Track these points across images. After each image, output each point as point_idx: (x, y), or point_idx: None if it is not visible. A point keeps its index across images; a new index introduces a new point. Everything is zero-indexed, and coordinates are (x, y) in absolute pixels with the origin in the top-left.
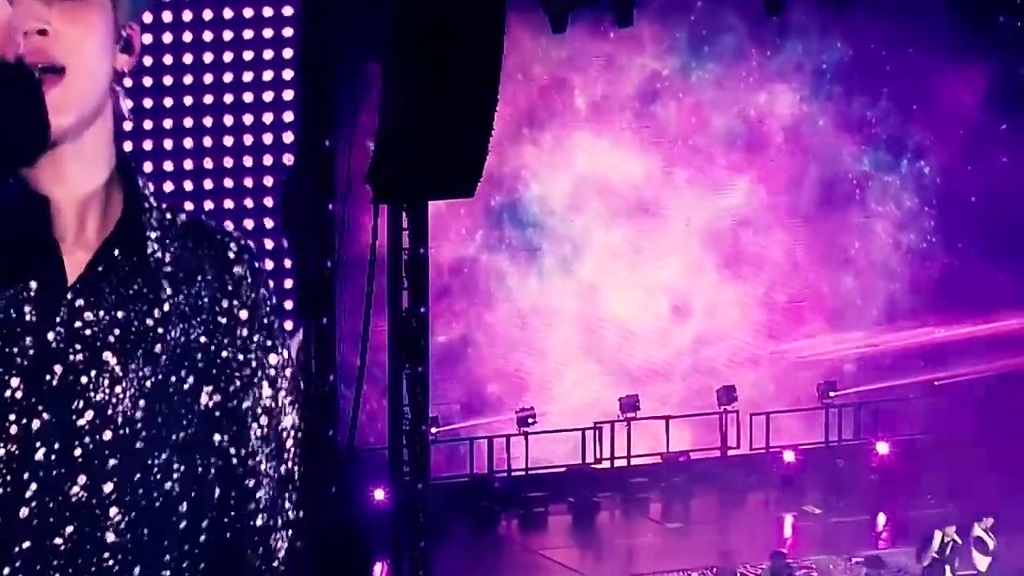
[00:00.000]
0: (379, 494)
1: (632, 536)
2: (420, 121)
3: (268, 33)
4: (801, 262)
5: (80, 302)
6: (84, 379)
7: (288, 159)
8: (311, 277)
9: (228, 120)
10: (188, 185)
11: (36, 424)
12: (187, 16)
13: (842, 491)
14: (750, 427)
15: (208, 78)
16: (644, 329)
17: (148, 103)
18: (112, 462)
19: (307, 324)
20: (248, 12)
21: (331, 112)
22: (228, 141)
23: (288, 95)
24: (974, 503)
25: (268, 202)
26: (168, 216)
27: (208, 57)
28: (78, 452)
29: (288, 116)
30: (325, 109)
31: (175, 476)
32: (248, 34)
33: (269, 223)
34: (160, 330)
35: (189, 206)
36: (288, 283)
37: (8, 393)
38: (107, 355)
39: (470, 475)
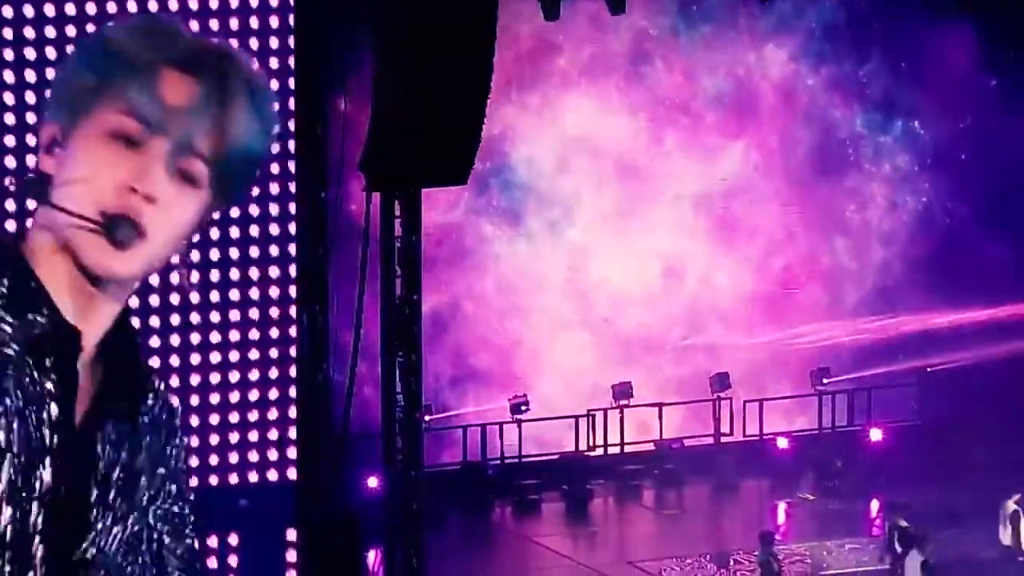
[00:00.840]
0: (372, 482)
1: (626, 523)
2: (413, 109)
3: (254, 23)
4: (795, 228)
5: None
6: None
7: (290, 145)
8: (305, 264)
9: None
10: None
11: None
12: (172, 5)
13: (836, 477)
14: (743, 414)
15: None
16: (635, 297)
17: None
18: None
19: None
20: (234, 1)
21: (323, 99)
22: None
23: (274, 85)
24: (969, 488)
25: (274, 189)
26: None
27: None
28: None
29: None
30: (317, 96)
31: None
32: (234, 23)
33: (274, 209)
34: (142, 479)
35: None
36: (292, 269)
37: (32, 520)
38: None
39: (463, 463)
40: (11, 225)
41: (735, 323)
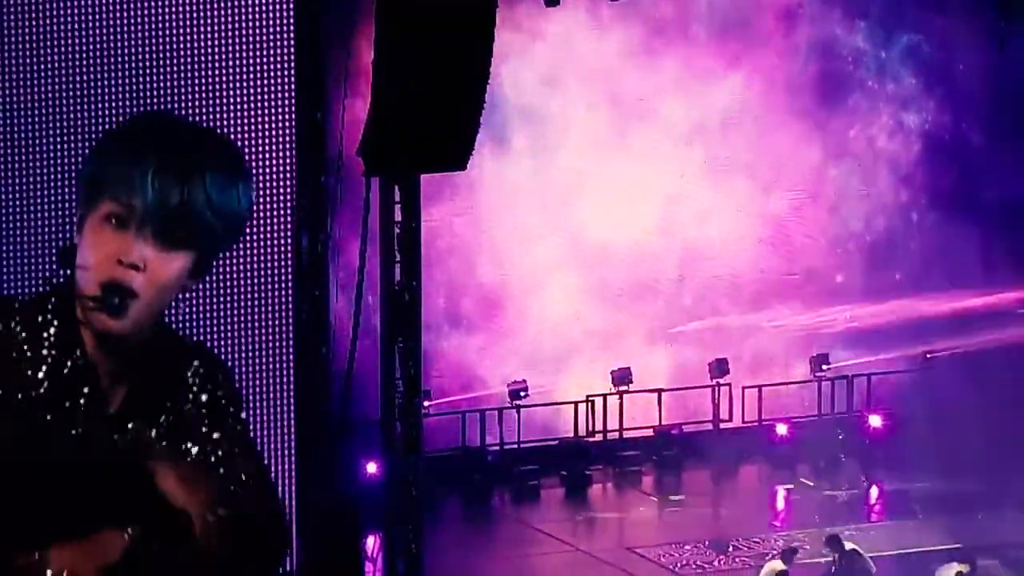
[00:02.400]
0: (372, 467)
1: (625, 509)
2: (412, 94)
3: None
4: (797, 155)
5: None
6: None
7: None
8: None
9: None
10: None
11: None
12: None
13: (835, 464)
14: (742, 400)
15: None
16: (626, 238)
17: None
18: None
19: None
20: None
21: (322, 85)
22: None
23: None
24: (967, 477)
25: (275, 175)
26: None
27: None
28: None
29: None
30: (316, 82)
31: None
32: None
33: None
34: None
35: None
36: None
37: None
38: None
39: (462, 448)
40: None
41: (733, 274)
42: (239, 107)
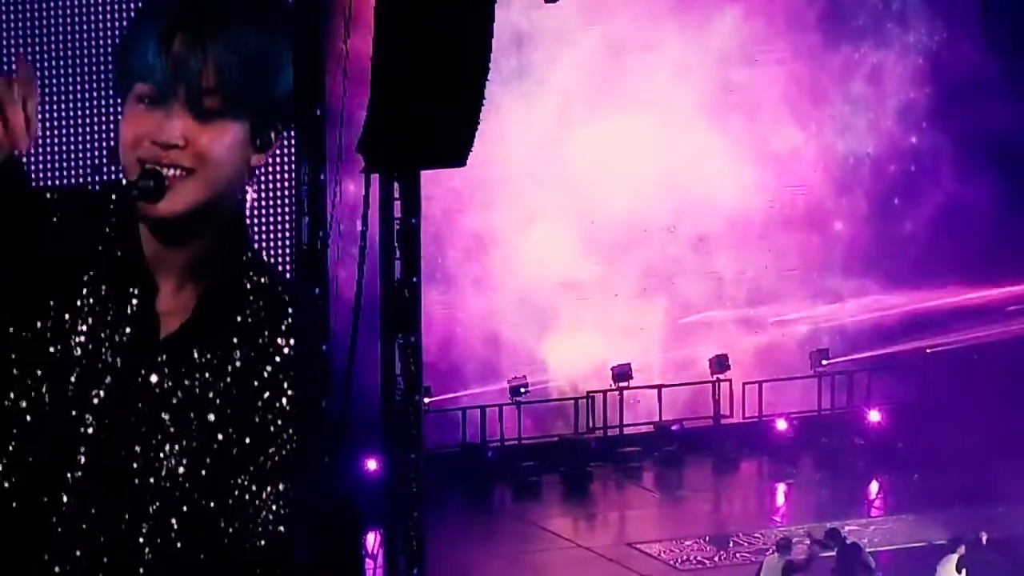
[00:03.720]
0: (372, 464)
1: (625, 505)
2: (412, 89)
3: None
4: (797, 97)
5: (163, 357)
6: (143, 429)
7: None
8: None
9: None
10: None
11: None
12: None
13: (835, 459)
14: (743, 396)
15: None
16: (618, 185)
17: None
18: (152, 507)
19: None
20: None
21: (322, 81)
22: None
23: None
24: (966, 473)
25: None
26: (261, 279)
27: None
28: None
29: None
30: (315, 76)
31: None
32: None
33: (274, 191)
34: (218, 401)
35: None
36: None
37: (82, 429)
38: (165, 415)
39: (463, 445)
40: None
41: (729, 229)
42: None
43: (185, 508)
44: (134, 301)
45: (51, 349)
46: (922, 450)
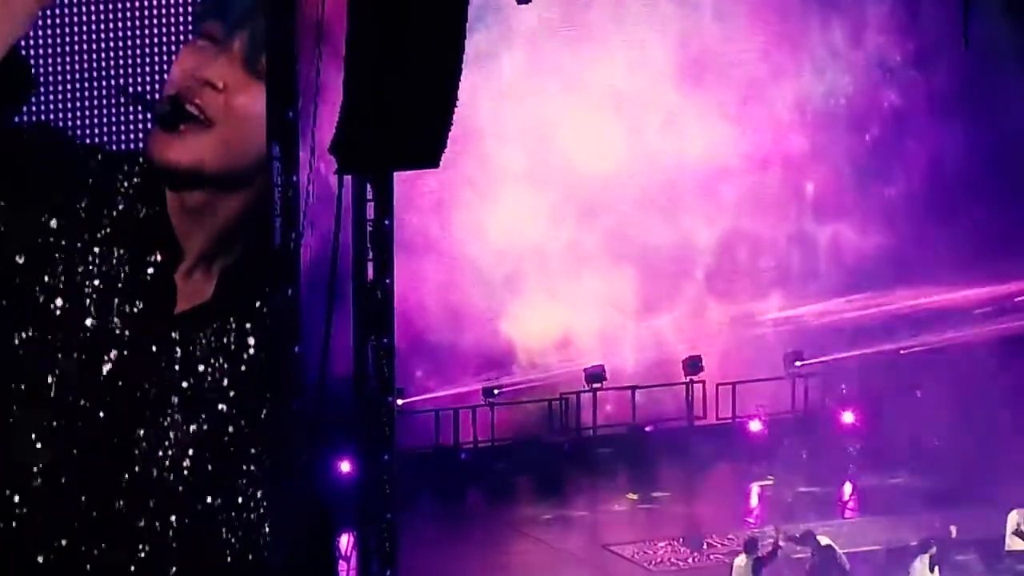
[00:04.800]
0: (345, 466)
1: (599, 506)
2: (384, 91)
3: None
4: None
5: (176, 334)
6: (148, 412)
7: None
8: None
9: None
10: None
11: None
12: None
13: (809, 460)
14: (716, 396)
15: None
16: (588, 147)
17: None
18: (152, 500)
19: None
20: None
21: (295, 82)
22: None
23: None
24: (940, 473)
25: None
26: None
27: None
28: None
29: None
30: (288, 79)
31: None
32: None
33: None
34: (232, 391)
35: None
36: None
37: (83, 401)
38: (174, 398)
39: (435, 446)
40: None
41: (703, 198)
42: None
43: (186, 505)
44: (150, 269)
45: (55, 305)
46: (896, 451)
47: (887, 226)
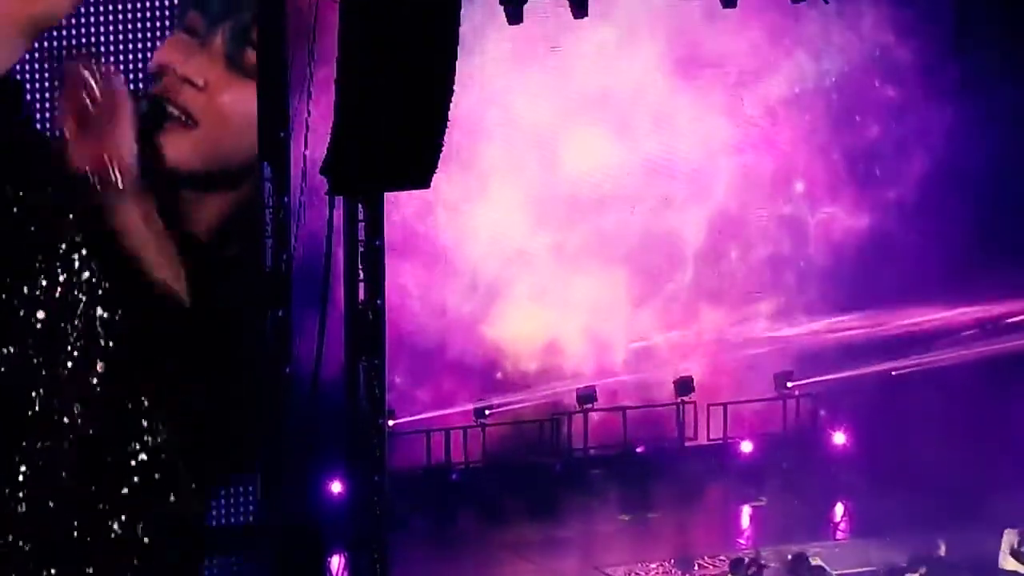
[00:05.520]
0: (336, 487)
1: (591, 528)
2: (375, 112)
3: None
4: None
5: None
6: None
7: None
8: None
9: None
10: None
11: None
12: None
13: (800, 481)
14: (707, 417)
15: None
16: (575, 150)
17: None
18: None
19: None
20: None
21: (286, 102)
22: None
23: None
24: (932, 495)
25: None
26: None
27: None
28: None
29: None
30: (279, 99)
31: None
32: None
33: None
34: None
35: None
36: None
37: (29, 412)
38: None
39: (427, 467)
40: None
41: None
42: None
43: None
44: (106, 284)
45: (20, 315)
46: (887, 471)
47: (879, 244)
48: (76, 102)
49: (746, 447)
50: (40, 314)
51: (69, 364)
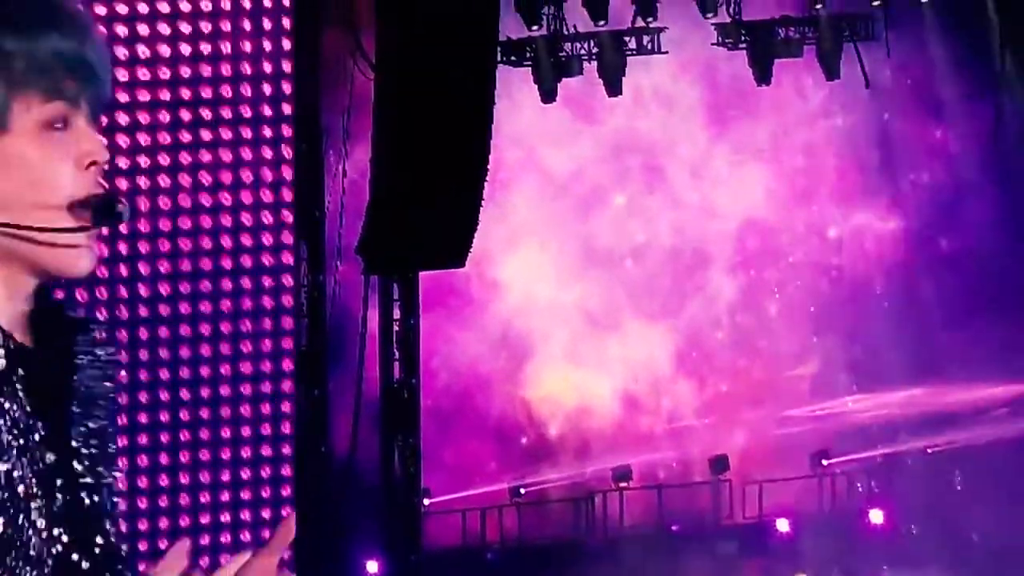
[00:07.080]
0: (372, 567)
1: None
2: (411, 192)
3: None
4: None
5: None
6: None
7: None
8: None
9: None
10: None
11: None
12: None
13: (839, 559)
14: (743, 495)
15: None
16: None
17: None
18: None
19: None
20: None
21: (321, 183)
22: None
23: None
24: (972, 572)
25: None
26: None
27: (206, 92)
28: None
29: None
30: (316, 178)
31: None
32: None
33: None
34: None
35: (187, 223)
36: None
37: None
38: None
39: (462, 546)
40: None
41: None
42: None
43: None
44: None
45: None
46: (926, 547)
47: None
48: None
49: (782, 526)
50: None
51: None
